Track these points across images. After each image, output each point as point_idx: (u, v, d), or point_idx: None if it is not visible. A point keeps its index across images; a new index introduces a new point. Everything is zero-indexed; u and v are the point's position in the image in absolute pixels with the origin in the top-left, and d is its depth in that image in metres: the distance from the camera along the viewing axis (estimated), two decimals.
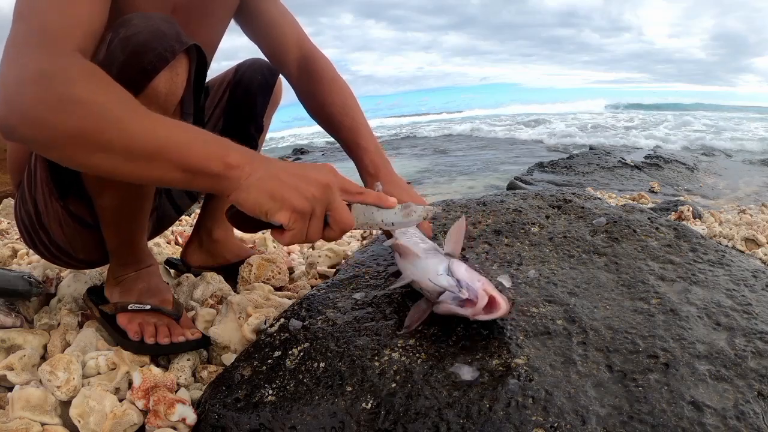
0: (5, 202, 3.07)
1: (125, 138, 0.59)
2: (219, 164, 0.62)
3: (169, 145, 0.60)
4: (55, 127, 0.57)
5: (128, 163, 0.60)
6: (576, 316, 0.78)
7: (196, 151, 0.61)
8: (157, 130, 0.60)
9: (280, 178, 0.64)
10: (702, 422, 0.58)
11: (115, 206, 0.84)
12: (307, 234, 0.66)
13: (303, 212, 0.64)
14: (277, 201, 0.63)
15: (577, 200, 1.27)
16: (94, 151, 0.59)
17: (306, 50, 1.07)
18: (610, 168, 5.84)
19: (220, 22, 0.98)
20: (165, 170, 0.61)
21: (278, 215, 0.63)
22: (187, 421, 0.69)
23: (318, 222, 0.67)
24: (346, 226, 0.69)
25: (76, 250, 0.93)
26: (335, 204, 0.67)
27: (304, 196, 0.64)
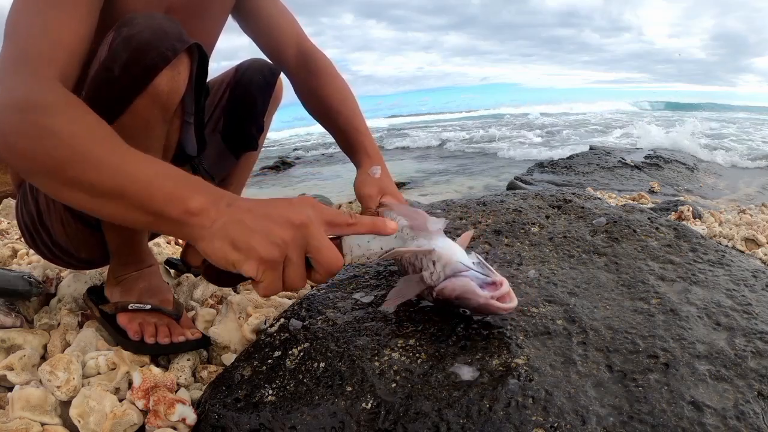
0: (5, 202, 3.07)
1: (90, 173, 0.57)
2: (179, 210, 0.57)
3: (130, 185, 0.57)
4: (31, 157, 0.57)
5: (93, 199, 0.58)
6: (576, 316, 0.78)
7: (158, 192, 0.57)
8: (123, 167, 0.57)
9: (244, 223, 0.57)
10: (702, 422, 0.58)
11: None
12: (285, 283, 0.60)
13: (272, 261, 0.57)
14: (241, 251, 0.57)
15: (577, 200, 1.27)
16: (63, 184, 0.58)
17: (304, 46, 1.07)
18: (610, 168, 5.84)
19: (216, 21, 0.98)
20: (127, 211, 0.58)
21: (245, 267, 0.57)
22: (187, 421, 0.69)
23: (296, 268, 0.59)
24: (332, 266, 0.61)
25: (78, 249, 0.93)
26: (314, 243, 0.60)
27: (272, 242, 0.57)
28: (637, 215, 1.16)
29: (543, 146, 9.83)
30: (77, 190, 0.57)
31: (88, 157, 0.57)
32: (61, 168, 0.57)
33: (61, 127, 0.57)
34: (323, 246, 0.60)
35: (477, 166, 7.78)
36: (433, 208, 1.25)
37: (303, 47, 1.07)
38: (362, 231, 0.65)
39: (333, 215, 0.63)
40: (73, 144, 0.57)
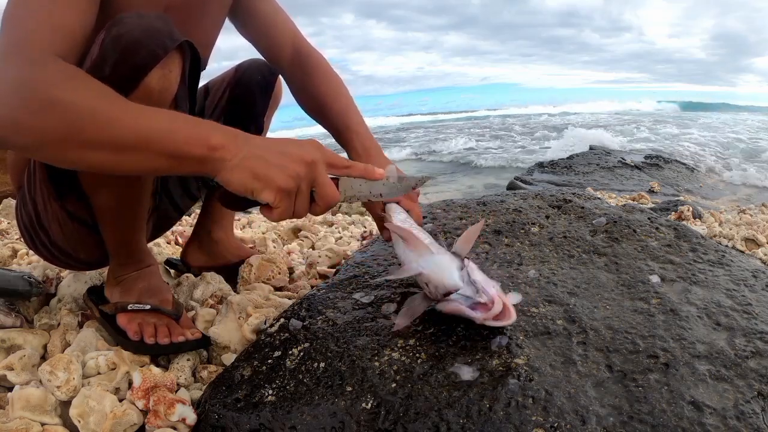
0: (5, 202, 3.07)
1: (108, 132, 0.59)
2: (202, 147, 0.62)
3: (152, 134, 0.61)
4: (40, 131, 0.58)
5: (116, 155, 0.61)
6: (576, 316, 0.78)
7: (179, 136, 0.62)
8: (139, 120, 0.61)
9: (263, 157, 0.65)
10: (702, 422, 0.58)
11: (112, 205, 0.84)
12: (294, 211, 0.68)
13: (288, 190, 0.66)
14: (261, 180, 0.64)
15: (577, 200, 1.27)
16: (82, 148, 0.60)
17: (300, 46, 1.07)
18: (610, 168, 5.84)
19: (215, 21, 0.98)
20: (152, 159, 0.61)
21: (263, 194, 0.65)
22: (187, 421, 0.69)
23: (304, 198, 0.68)
24: (331, 200, 0.70)
25: (76, 250, 0.93)
26: (320, 179, 0.69)
27: (288, 174, 0.65)
28: (637, 215, 1.16)
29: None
30: (98, 149, 0.60)
31: (102, 115, 0.60)
32: (77, 132, 0.59)
33: (68, 95, 0.59)
34: (326, 183, 0.69)
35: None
36: (432, 208, 1.25)
37: (299, 46, 1.07)
38: (355, 174, 0.74)
39: (334, 158, 0.72)
40: (84, 106, 0.59)
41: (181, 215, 1.23)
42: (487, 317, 0.68)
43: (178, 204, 1.18)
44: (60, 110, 0.58)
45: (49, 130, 0.58)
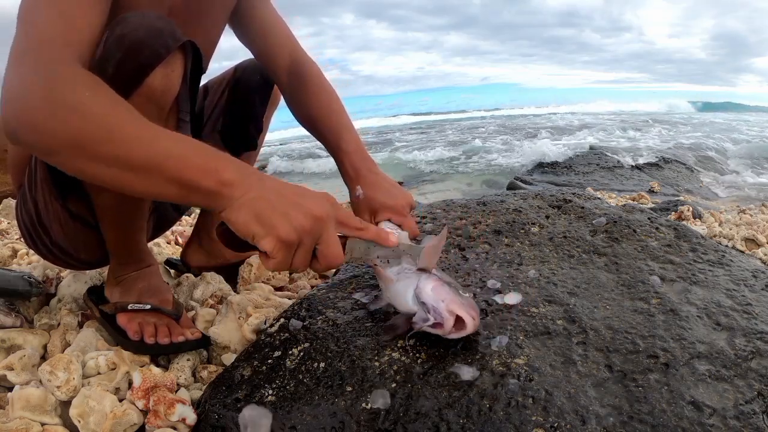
0: (5, 202, 3.07)
1: (122, 148, 0.58)
2: (213, 181, 0.61)
3: (166, 158, 0.59)
4: (54, 134, 0.58)
5: (124, 174, 0.59)
6: (576, 316, 0.78)
7: (192, 164, 0.60)
8: (156, 142, 0.60)
9: (272, 203, 0.62)
10: (702, 422, 0.58)
11: (114, 205, 0.84)
12: (291, 263, 0.64)
13: (288, 242, 0.62)
14: (264, 227, 0.61)
15: (577, 200, 1.27)
16: (91, 160, 0.59)
17: (297, 56, 1.08)
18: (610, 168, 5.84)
19: (217, 24, 0.98)
20: (160, 184, 0.60)
21: (263, 242, 0.61)
22: (187, 421, 0.69)
23: (305, 253, 0.65)
24: (333, 261, 0.67)
25: (77, 250, 0.93)
26: (325, 237, 0.65)
27: (292, 226, 0.62)
28: (637, 215, 1.16)
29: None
30: (108, 165, 0.59)
31: (119, 132, 0.58)
32: (91, 144, 0.57)
33: (87, 104, 0.58)
34: (332, 242, 0.66)
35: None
36: (433, 207, 1.25)
37: (296, 56, 1.08)
38: (367, 237, 0.71)
39: (346, 217, 0.69)
40: (103, 119, 0.58)
41: (181, 215, 1.23)
42: (445, 333, 0.68)
43: (178, 204, 1.18)
44: (77, 118, 0.57)
45: (64, 135, 0.57)
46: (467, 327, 0.67)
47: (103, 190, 0.82)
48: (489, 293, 0.85)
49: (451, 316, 0.67)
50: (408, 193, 1.02)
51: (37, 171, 0.85)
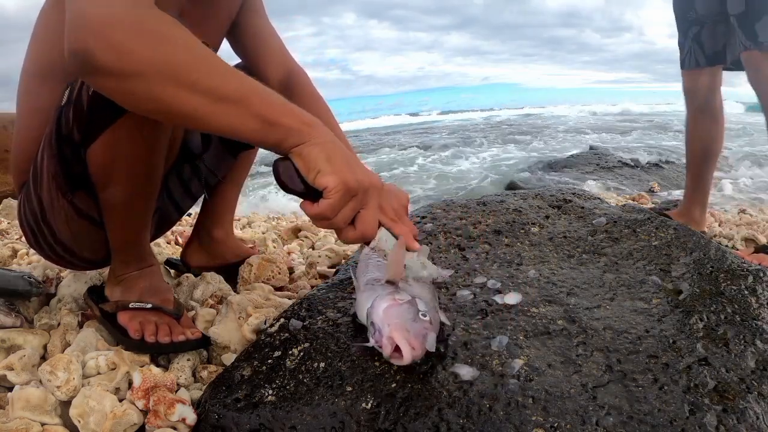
0: (5, 202, 3.07)
1: (215, 79, 0.61)
2: (296, 120, 0.65)
3: (254, 95, 0.63)
4: (146, 60, 0.58)
5: (212, 104, 0.61)
6: (576, 316, 0.78)
7: (277, 103, 0.65)
8: (243, 80, 0.63)
9: (343, 152, 0.67)
10: (702, 422, 0.58)
11: (121, 201, 0.84)
12: (337, 214, 0.66)
13: (348, 188, 0.65)
14: (332, 166, 0.64)
15: (577, 200, 1.27)
16: (182, 88, 0.60)
17: (289, 67, 1.10)
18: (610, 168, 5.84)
19: (221, 30, 1.01)
20: (243, 117, 0.62)
21: (327, 178, 0.64)
22: (187, 421, 0.69)
23: (352, 209, 0.67)
24: (368, 232, 0.69)
25: (82, 248, 0.93)
26: (370, 207, 0.68)
27: (356, 177, 0.65)
28: (637, 215, 1.16)
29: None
30: (197, 93, 0.60)
31: (212, 63, 0.62)
32: (184, 70, 0.59)
33: (180, 35, 0.60)
34: (373, 212, 0.69)
35: None
36: (433, 207, 1.25)
37: (288, 66, 1.10)
38: (396, 231, 0.73)
39: (388, 205, 0.73)
40: (195, 50, 0.61)
41: (181, 215, 1.23)
42: (385, 356, 0.65)
43: (178, 204, 1.18)
44: (171, 44, 0.59)
45: (157, 61, 0.58)
46: (404, 358, 0.63)
47: (110, 186, 0.82)
48: (489, 293, 0.85)
49: (391, 344, 0.64)
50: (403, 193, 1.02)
51: (44, 167, 0.85)
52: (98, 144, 0.77)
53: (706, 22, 1.79)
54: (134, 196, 0.85)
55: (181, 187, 1.16)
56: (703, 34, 1.80)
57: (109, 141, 0.76)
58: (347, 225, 0.68)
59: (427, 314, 0.68)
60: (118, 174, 0.81)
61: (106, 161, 0.79)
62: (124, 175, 0.81)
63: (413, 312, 0.67)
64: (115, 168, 0.80)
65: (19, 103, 0.93)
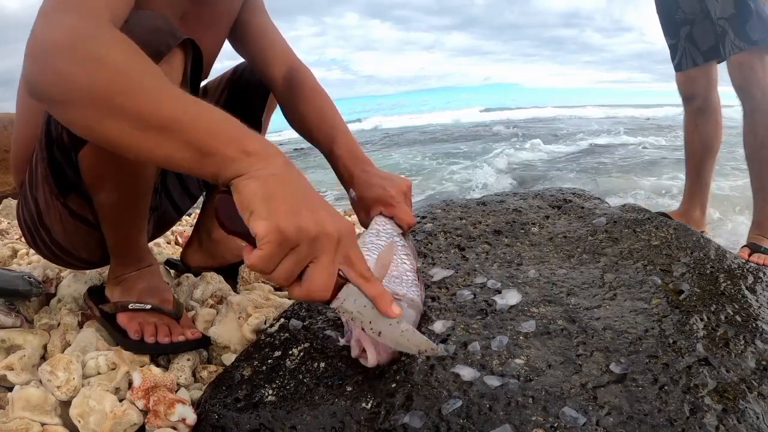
0: (5, 202, 3.07)
1: (140, 104, 0.56)
2: (235, 149, 0.56)
3: (185, 120, 0.56)
4: (73, 82, 0.56)
5: (138, 132, 0.56)
6: (576, 316, 0.78)
7: (215, 130, 0.57)
8: (176, 102, 0.57)
9: (287, 191, 0.56)
10: (702, 422, 0.58)
11: (113, 203, 0.84)
12: (274, 269, 0.55)
13: (284, 238, 0.54)
14: (267, 207, 0.54)
15: (577, 200, 1.27)
16: (107, 114, 0.56)
17: (293, 64, 1.09)
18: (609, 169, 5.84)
19: (223, 31, 1.00)
20: (174, 146, 0.56)
21: (258, 224, 0.54)
22: (187, 421, 0.69)
23: (294, 263, 0.56)
24: (315, 291, 0.57)
25: (77, 249, 0.93)
26: (321, 261, 0.57)
27: (296, 223, 0.54)
28: (637, 215, 1.15)
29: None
30: (121, 120, 0.56)
31: (139, 85, 0.56)
32: (108, 95, 0.55)
33: (115, 58, 0.56)
34: (326, 272, 0.57)
35: None
36: (433, 207, 1.25)
37: (290, 63, 1.09)
38: (367, 291, 0.61)
39: (356, 257, 0.61)
40: (125, 72, 0.56)
41: (181, 215, 1.23)
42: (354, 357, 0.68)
43: (177, 204, 1.18)
44: (102, 68, 0.56)
45: (83, 84, 0.55)
46: (369, 361, 0.64)
47: (101, 188, 0.82)
48: (489, 293, 0.85)
49: (358, 346, 0.66)
50: (403, 180, 1.03)
51: (38, 169, 0.85)
52: (88, 147, 0.76)
53: (696, 20, 1.82)
54: (127, 197, 0.85)
55: (180, 187, 1.16)
56: (695, 32, 1.83)
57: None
58: (291, 281, 0.57)
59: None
60: (109, 177, 0.80)
61: (97, 164, 0.78)
62: (115, 177, 0.80)
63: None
64: (107, 171, 0.79)
65: (19, 103, 0.93)
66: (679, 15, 1.85)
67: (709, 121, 1.91)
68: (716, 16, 1.69)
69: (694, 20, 1.82)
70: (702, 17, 1.79)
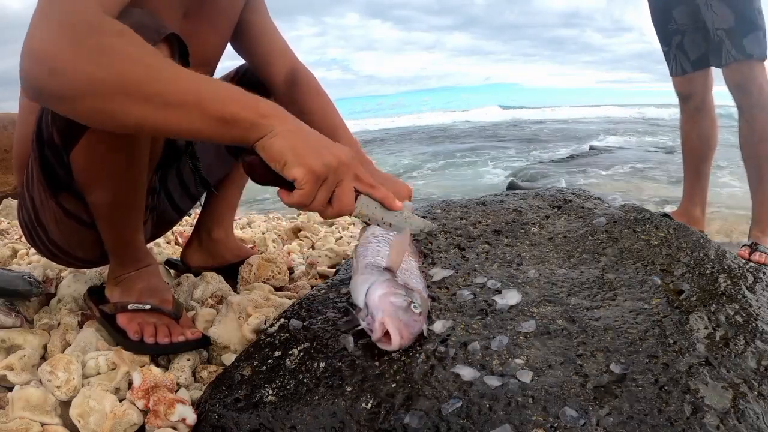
0: (5, 202, 3.07)
1: (161, 86, 0.60)
2: (253, 113, 0.64)
3: (205, 94, 0.62)
4: (88, 76, 0.57)
5: (161, 112, 0.61)
6: (576, 316, 0.78)
7: (231, 99, 0.63)
8: (192, 81, 0.62)
9: (306, 137, 0.67)
10: (702, 422, 0.58)
11: (107, 202, 0.84)
12: (313, 200, 0.67)
13: (317, 175, 0.65)
14: (297, 156, 0.64)
15: (577, 200, 1.27)
16: (128, 101, 0.59)
17: (294, 65, 1.09)
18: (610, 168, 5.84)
19: (226, 28, 1.00)
20: (198, 120, 0.62)
21: (294, 170, 0.64)
22: (187, 421, 0.69)
23: (326, 192, 0.68)
24: (345, 208, 0.70)
25: (74, 248, 0.93)
26: (345, 183, 0.69)
27: (322, 161, 0.65)
28: (637, 215, 1.15)
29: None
30: (145, 103, 0.60)
31: (157, 69, 0.60)
32: (129, 82, 0.58)
33: (125, 47, 0.59)
34: (348, 189, 0.70)
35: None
36: (433, 207, 1.25)
37: (293, 65, 1.09)
38: (376, 196, 0.75)
39: (362, 173, 0.73)
40: (141, 61, 0.60)
41: (181, 216, 1.23)
42: (374, 340, 0.70)
43: (178, 204, 1.18)
44: (117, 59, 0.58)
45: (99, 75, 0.57)
46: (392, 344, 0.68)
47: (94, 187, 0.82)
48: (489, 293, 0.85)
49: (381, 329, 0.68)
50: (404, 185, 1.03)
51: (33, 168, 0.85)
52: (80, 148, 0.76)
53: (687, 31, 1.91)
54: (121, 197, 0.85)
55: (180, 188, 1.16)
56: (685, 42, 1.92)
57: (89, 144, 0.75)
58: (326, 206, 0.69)
59: (419, 307, 0.72)
60: (102, 176, 0.80)
61: (89, 165, 0.78)
62: (108, 177, 0.80)
63: (407, 303, 0.71)
64: (99, 171, 0.79)
65: (21, 101, 0.93)
66: (672, 25, 1.94)
67: (706, 118, 1.98)
68: (714, 26, 1.76)
69: (685, 31, 1.91)
70: (693, 29, 1.88)
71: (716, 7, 1.73)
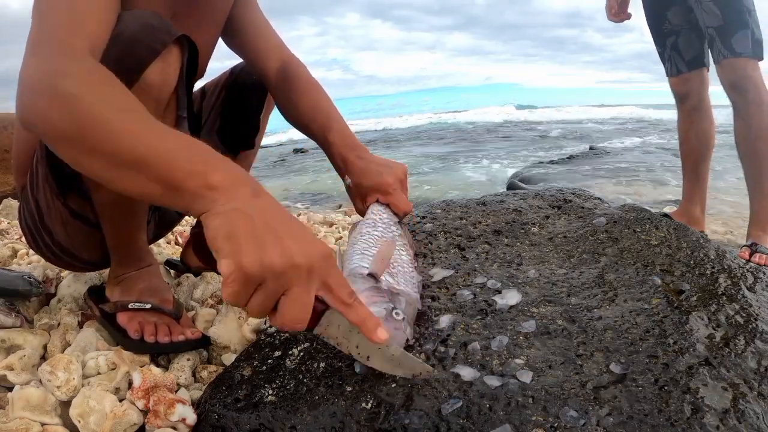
0: (5, 202, 3.07)
1: (109, 142, 0.56)
2: (197, 183, 0.55)
3: (151, 156, 0.56)
4: (50, 123, 0.58)
5: (113, 170, 0.58)
6: (576, 316, 0.78)
7: (178, 165, 0.56)
8: (145, 137, 0.57)
9: (251, 223, 0.54)
10: (702, 422, 0.58)
11: (112, 202, 0.84)
12: (247, 303, 0.54)
13: (248, 276, 0.52)
14: (230, 245, 0.53)
15: (577, 200, 1.27)
16: (82, 151, 0.58)
17: (286, 58, 1.09)
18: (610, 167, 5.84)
19: (216, 26, 1.00)
20: (145, 182, 0.56)
21: (222, 263, 0.53)
22: (187, 421, 0.69)
23: (264, 299, 0.54)
24: (289, 323, 0.55)
25: (79, 249, 0.93)
26: (294, 292, 0.54)
27: (260, 259, 0.52)
28: (637, 215, 1.15)
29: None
30: (96, 158, 0.58)
31: (108, 125, 0.56)
32: (81, 134, 0.57)
33: (82, 94, 0.58)
34: (299, 301, 0.55)
35: None
36: (433, 207, 1.25)
37: (284, 57, 1.09)
38: (351, 318, 0.59)
39: (336, 283, 0.58)
40: (93, 111, 0.57)
41: (182, 216, 1.23)
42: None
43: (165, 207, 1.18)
44: (70, 106, 0.57)
45: (60, 125, 0.58)
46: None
47: (100, 187, 0.83)
48: (489, 293, 0.85)
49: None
50: (400, 166, 1.03)
51: (39, 170, 0.85)
52: None
53: (681, 31, 1.94)
54: (125, 197, 0.85)
55: None
56: (680, 42, 1.95)
57: None
58: (268, 312, 0.56)
59: (401, 313, 0.69)
60: None
61: None
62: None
63: (386, 311, 0.68)
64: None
65: None
66: (666, 26, 1.98)
67: (703, 118, 2.00)
68: (705, 25, 1.78)
69: (679, 31, 1.94)
70: (687, 29, 1.91)
71: (706, 5, 1.75)
